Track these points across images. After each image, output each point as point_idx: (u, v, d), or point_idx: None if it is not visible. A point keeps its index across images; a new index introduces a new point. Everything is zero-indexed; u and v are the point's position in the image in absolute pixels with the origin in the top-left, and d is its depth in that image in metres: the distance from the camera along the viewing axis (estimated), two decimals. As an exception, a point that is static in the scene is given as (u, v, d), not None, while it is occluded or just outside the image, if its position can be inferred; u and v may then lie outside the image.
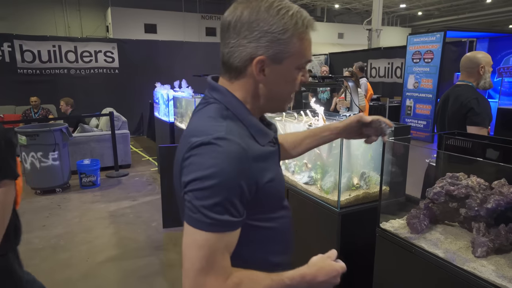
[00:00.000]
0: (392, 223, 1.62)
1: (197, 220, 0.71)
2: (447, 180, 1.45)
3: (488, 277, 1.18)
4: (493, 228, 1.35)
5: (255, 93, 0.84)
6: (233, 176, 0.72)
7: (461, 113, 2.41)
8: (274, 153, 0.88)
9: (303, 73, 0.87)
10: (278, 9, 0.78)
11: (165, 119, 5.50)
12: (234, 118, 0.81)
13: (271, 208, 0.87)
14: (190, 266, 0.71)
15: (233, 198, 0.72)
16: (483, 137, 1.66)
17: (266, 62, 0.79)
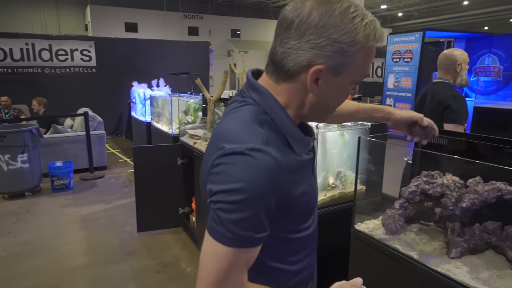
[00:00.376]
0: (367, 224, 1.56)
1: (219, 233, 0.68)
2: (423, 179, 1.39)
3: (462, 280, 1.13)
4: (468, 227, 1.30)
5: (301, 101, 0.76)
6: (264, 192, 0.67)
7: (438, 110, 2.39)
8: (309, 162, 0.82)
9: (354, 86, 0.78)
10: (354, 16, 0.69)
11: (142, 119, 5.35)
12: (272, 124, 0.74)
13: (299, 221, 0.82)
14: (205, 276, 0.69)
15: (261, 214, 0.68)
16: (459, 134, 1.62)
17: (323, 72, 0.71)
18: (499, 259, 1.24)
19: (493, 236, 1.24)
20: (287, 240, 0.80)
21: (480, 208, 1.28)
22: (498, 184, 1.21)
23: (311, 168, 0.85)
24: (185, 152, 3.42)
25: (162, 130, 4.36)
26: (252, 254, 0.71)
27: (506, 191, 1.19)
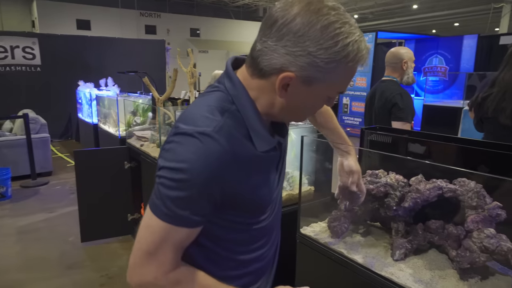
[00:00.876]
0: (314, 227, 1.49)
1: (157, 207, 0.70)
2: (367, 179, 1.35)
3: (405, 283, 1.08)
4: (412, 227, 1.27)
5: (270, 101, 0.75)
6: (205, 177, 0.67)
7: (386, 108, 2.41)
8: (271, 160, 0.82)
9: (329, 100, 0.78)
10: (336, 33, 0.66)
11: (89, 121, 5.03)
12: (236, 115, 0.74)
13: (249, 214, 0.82)
14: (138, 246, 0.72)
15: (200, 198, 0.69)
16: (404, 132, 1.60)
17: (294, 80, 0.69)
18: (441, 258, 1.21)
19: (436, 235, 1.21)
20: (235, 231, 0.81)
21: (424, 207, 1.25)
22: (439, 182, 1.18)
23: (275, 166, 0.84)
24: (133, 155, 3.22)
25: (109, 132, 4.11)
26: (186, 235, 0.72)
27: (447, 189, 1.16)
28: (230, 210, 0.77)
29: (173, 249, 0.72)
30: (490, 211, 1.07)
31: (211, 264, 0.81)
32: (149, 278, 0.71)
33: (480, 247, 1.04)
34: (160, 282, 0.72)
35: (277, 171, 0.87)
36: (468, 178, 1.16)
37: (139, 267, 0.71)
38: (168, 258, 0.72)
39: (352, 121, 8.45)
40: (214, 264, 0.81)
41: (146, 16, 18.39)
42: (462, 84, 7.65)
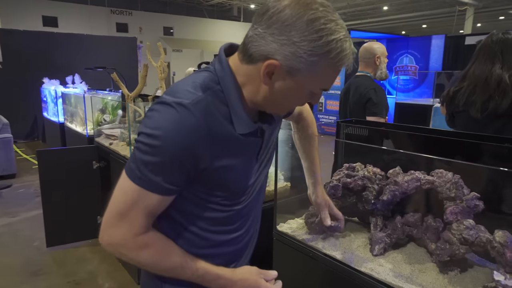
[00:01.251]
0: (290, 224, 1.45)
1: (131, 170, 0.73)
2: (344, 172, 1.31)
3: (385, 278, 1.05)
4: (390, 221, 1.24)
5: (255, 87, 0.77)
6: (177, 146, 0.70)
7: (360, 103, 2.40)
8: (251, 145, 0.83)
9: (313, 96, 0.80)
10: (320, 28, 0.68)
11: (54, 120, 4.78)
12: (219, 94, 0.76)
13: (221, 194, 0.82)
14: (111, 205, 0.75)
15: (172, 166, 0.72)
16: (380, 124, 1.58)
17: (278, 69, 0.72)
18: (420, 252, 1.19)
19: (414, 229, 1.18)
20: (208, 209, 0.82)
21: (401, 200, 1.22)
22: (417, 173, 1.16)
23: (255, 153, 0.85)
24: (102, 154, 3.07)
25: (76, 131, 3.91)
26: (157, 202, 0.74)
27: (425, 180, 1.14)
28: (203, 187, 0.79)
29: (144, 214, 0.74)
30: (468, 202, 1.05)
31: (181, 239, 0.83)
32: (119, 238, 0.74)
33: (459, 239, 1.02)
34: (128, 243, 0.75)
35: (258, 160, 0.87)
36: (444, 169, 1.14)
37: (110, 227, 0.74)
38: (138, 221, 0.74)
39: (327, 119, 8.53)
40: (184, 240, 0.83)
41: (117, 13, 17.86)
42: (431, 82, 7.87)
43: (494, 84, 1.70)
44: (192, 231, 0.83)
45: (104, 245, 0.76)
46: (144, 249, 0.76)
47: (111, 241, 0.75)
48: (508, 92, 1.66)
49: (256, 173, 0.88)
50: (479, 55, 1.84)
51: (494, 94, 1.70)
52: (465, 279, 1.04)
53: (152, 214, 0.76)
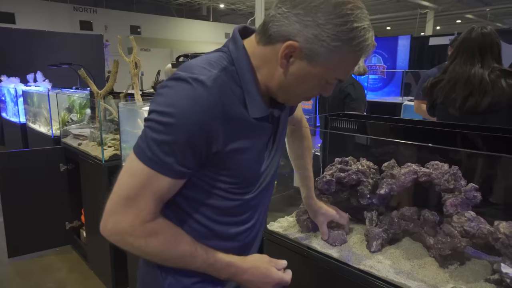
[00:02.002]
0: (281, 223, 1.38)
1: (141, 149, 0.69)
2: (337, 167, 1.26)
3: (387, 275, 1.01)
4: (385, 216, 1.21)
5: (271, 71, 0.74)
6: (194, 125, 0.67)
7: (339, 97, 2.39)
8: (263, 131, 0.80)
9: (326, 87, 0.77)
10: (347, 13, 0.67)
11: (15, 120, 4.46)
12: (234, 76, 0.73)
13: (231, 180, 0.77)
14: (117, 190, 0.70)
15: (185, 146, 0.67)
16: (368, 117, 1.55)
17: (297, 51, 0.69)
18: (416, 246, 1.16)
19: (411, 223, 1.15)
20: (214, 196, 0.78)
21: (393, 194, 1.19)
22: (413, 166, 1.12)
23: (266, 140, 0.82)
24: (70, 156, 2.87)
25: (40, 131, 3.65)
26: (167, 186, 0.70)
27: (422, 173, 1.11)
28: (213, 172, 0.75)
29: (153, 199, 0.70)
30: (467, 194, 1.03)
31: (185, 229, 0.78)
32: (125, 225, 0.69)
33: (460, 232, 0.99)
34: (136, 231, 0.70)
35: (268, 147, 0.84)
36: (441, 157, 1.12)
37: (115, 214, 0.69)
38: (148, 207, 0.70)
39: (300, 118, 8.58)
40: (189, 230, 0.78)
41: (80, 11, 17.08)
42: (399, 81, 8.11)
43: (476, 82, 1.72)
44: (198, 221, 0.79)
45: (107, 234, 0.70)
46: (152, 236, 0.71)
47: (116, 229, 0.70)
48: (488, 91, 1.69)
49: (267, 161, 0.84)
50: (459, 51, 1.86)
51: (474, 93, 1.72)
52: (465, 272, 1.02)
53: (162, 199, 0.72)
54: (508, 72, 1.67)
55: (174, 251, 0.75)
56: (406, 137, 1.45)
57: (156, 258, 0.76)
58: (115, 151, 2.38)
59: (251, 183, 0.82)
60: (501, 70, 1.69)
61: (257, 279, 0.83)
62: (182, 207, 0.78)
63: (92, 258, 2.79)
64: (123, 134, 2.15)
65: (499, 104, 1.67)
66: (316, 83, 0.75)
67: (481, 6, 13.29)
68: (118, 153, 2.34)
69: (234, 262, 0.81)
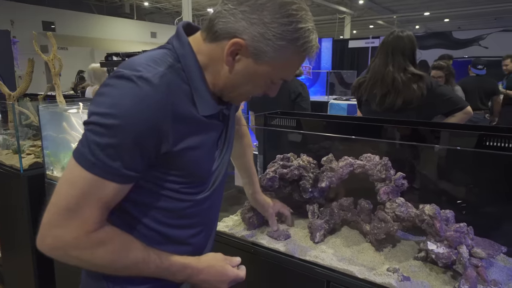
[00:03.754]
0: (226, 222, 1.38)
1: (83, 155, 0.63)
2: (279, 163, 1.30)
3: (331, 264, 1.07)
4: (325, 207, 1.27)
5: (217, 69, 0.73)
6: (139, 124, 0.63)
7: (290, 98, 2.44)
8: (212, 127, 0.78)
9: (271, 87, 0.78)
10: (292, 13, 0.67)
11: None
12: (180, 73, 0.70)
13: (181, 180, 0.75)
14: (56, 201, 0.64)
15: (133, 149, 0.64)
16: (306, 115, 1.62)
17: (243, 49, 0.69)
18: (354, 233, 1.25)
19: (348, 212, 1.24)
20: (164, 198, 0.75)
21: (332, 186, 1.26)
22: (350, 159, 1.21)
23: (216, 138, 0.81)
24: (-23, 167, 2.52)
25: None
26: (113, 192, 0.65)
27: (357, 165, 1.20)
28: (163, 173, 0.72)
29: (98, 206, 0.65)
30: (396, 182, 1.13)
31: (135, 235, 0.74)
32: (68, 238, 0.64)
33: (392, 217, 1.09)
34: (81, 243, 0.65)
35: (219, 146, 0.83)
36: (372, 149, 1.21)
37: (55, 227, 0.63)
38: (92, 216, 0.65)
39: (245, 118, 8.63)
40: (138, 235, 0.75)
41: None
42: (324, 81, 8.61)
43: (389, 82, 1.90)
44: (148, 226, 0.76)
45: (46, 250, 0.64)
46: (100, 247, 0.67)
47: (58, 243, 0.64)
48: (400, 90, 1.88)
49: (218, 160, 0.83)
50: (379, 52, 2.04)
51: (390, 92, 1.91)
52: (397, 253, 1.12)
53: (107, 207, 0.67)
54: (418, 76, 1.88)
55: (125, 260, 0.71)
56: (338, 132, 1.55)
57: (107, 269, 0.71)
58: (35, 159, 2.15)
59: (203, 183, 0.80)
60: (413, 74, 1.89)
61: (213, 278, 0.83)
62: (130, 212, 0.74)
63: (10, 281, 2.49)
64: (45, 140, 1.95)
65: (411, 104, 1.87)
66: (262, 82, 0.75)
67: (389, 13, 14.70)
68: (39, 160, 2.12)
69: (189, 263, 0.80)
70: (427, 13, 13.37)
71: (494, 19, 14.22)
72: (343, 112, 5.56)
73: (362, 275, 1.01)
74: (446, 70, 3.38)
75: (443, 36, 7.89)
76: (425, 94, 1.83)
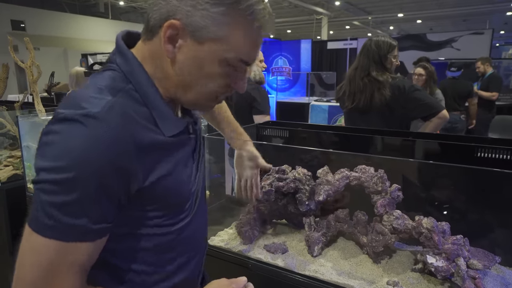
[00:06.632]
0: (221, 236, 1.36)
1: (38, 220, 0.54)
2: (274, 176, 1.29)
3: (331, 278, 1.07)
4: (321, 219, 1.28)
5: (162, 70, 0.64)
6: (99, 171, 0.54)
7: (246, 103, 2.43)
8: (183, 145, 0.70)
9: (235, 77, 0.66)
10: None
11: None
12: (133, 95, 0.62)
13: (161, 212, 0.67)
14: (21, 276, 0.55)
15: (97, 199, 0.55)
16: (297, 125, 1.62)
17: (181, 31, 0.60)
18: (350, 245, 1.26)
19: (345, 224, 1.24)
20: (145, 238, 0.66)
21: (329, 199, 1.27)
22: (346, 172, 1.21)
23: (191, 153, 0.73)
24: None
25: None
26: (87, 252, 0.57)
27: (353, 177, 1.20)
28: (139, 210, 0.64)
29: (73, 272, 0.56)
30: (392, 194, 1.15)
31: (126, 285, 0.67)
32: None
33: (390, 229, 1.11)
34: None
35: (195, 159, 0.75)
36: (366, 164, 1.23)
37: None
38: (68, 285, 0.56)
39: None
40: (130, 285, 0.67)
41: None
42: (304, 82, 8.69)
43: (358, 82, 2.00)
44: (136, 271, 0.68)
45: None
46: None
47: None
48: (364, 92, 1.96)
49: (195, 176, 0.74)
50: (356, 57, 2.11)
51: (356, 93, 2.00)
52: (394, 264, 1.14)
53: (83, 269, 0.58)
54: (378, 81, 1.94)
55: None
56: (327, 141, 1.57)
57: None
58: (14, 170, 2.05)
59: (184, 207, 0.72)
60: (376, 80, 1.95)
61: None
62: (112, 263, 0.66)
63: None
64: (25, 151, 1.87)
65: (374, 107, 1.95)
66: (216, 70, 0.63)
67: (364, 14, 14.98)
68: (19, 172, 2.03)
69: None
70: (401, 15, 13.72)
71: (463, 20, 14.76)
72: (324, 114, 5.62)
73: (362, 289, 1.02)
74: (429, 73, 3.49)
75: (417, 38, 8.11)
76: (387, 98, 1.88)
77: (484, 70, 4.81)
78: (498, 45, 11.68)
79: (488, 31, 7.59)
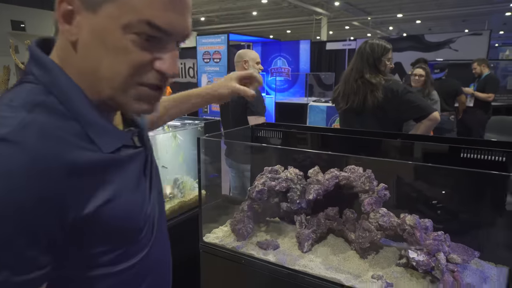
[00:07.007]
0: (216, 233, 1.41)
1: None
2: (267, 175, 1.35)
3: (319, 272, 1.13)
4: (312, 217, 1.33)
5: (71, 61, 0.54)
6: (19, 208, 0.43)
7: (240, 103, 2.49)
8: (129, 160, 0.59)
9: (157, 55, 0.54)
10: None
11: None
12: (57, 109, 0.51)
13: (115, 245, 0.55)
14: None
15: (19, 244, 0.43)
16: (291, 127, 1.68)
17: (75, 5, 0.51)
18: (339, 242, 1.31)
19: (334, 222, 1.30)
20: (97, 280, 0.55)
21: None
22: (335, 171, 1.27)
23: (141, 167, 0.63)
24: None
25: None
26: None
27: (342, 177, 1.26)
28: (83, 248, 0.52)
29: None
30: (380, 193, 1.20)
31: None
32: None
33: (376, 226, 1.16)
34: None
35: (146, 176, 0.64)
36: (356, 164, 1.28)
37: None
38: None
39: (212, 120, 8.62)
40: None
41: None
42: (303, 82, 8.74)
43: (352, 84, 2.06)
44: None
45: None
46: None
47: None
48: (358, 94, 2.03)
49: (149, 195, 0.64)
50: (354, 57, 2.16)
51: (350, 94, 2.06)
52: (380, 260, 1.20)
53: None
54: (373, 85, 2.00)
55: None
56: (322, 142, 1.62)
57: None
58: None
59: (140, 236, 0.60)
60: (370, 83, 2.01)
61: None
62: None
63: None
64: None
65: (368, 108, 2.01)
66: (122, 40, 0.51)
67: (364, 15, 15.04)
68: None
69: None
70: (400, 15, 13.78)
71: (462, 21, 14.83)
72: (323, 114, 5.67)
73: (348, 282, 1.07)
74: (427, 74, 3.59)
75: (416, 39, 8.15)
76: (380, 100, 1.94)
77: (480, 71, 4.87)
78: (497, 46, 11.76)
79: (486, 32, 7.64)
